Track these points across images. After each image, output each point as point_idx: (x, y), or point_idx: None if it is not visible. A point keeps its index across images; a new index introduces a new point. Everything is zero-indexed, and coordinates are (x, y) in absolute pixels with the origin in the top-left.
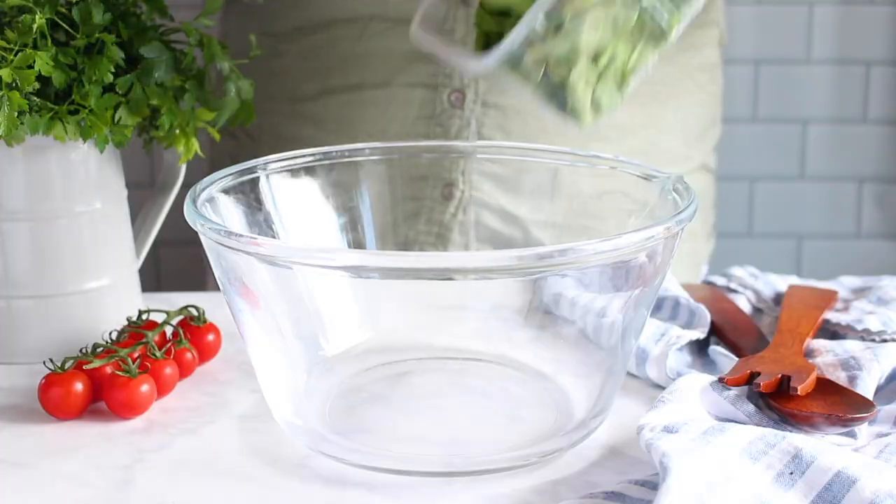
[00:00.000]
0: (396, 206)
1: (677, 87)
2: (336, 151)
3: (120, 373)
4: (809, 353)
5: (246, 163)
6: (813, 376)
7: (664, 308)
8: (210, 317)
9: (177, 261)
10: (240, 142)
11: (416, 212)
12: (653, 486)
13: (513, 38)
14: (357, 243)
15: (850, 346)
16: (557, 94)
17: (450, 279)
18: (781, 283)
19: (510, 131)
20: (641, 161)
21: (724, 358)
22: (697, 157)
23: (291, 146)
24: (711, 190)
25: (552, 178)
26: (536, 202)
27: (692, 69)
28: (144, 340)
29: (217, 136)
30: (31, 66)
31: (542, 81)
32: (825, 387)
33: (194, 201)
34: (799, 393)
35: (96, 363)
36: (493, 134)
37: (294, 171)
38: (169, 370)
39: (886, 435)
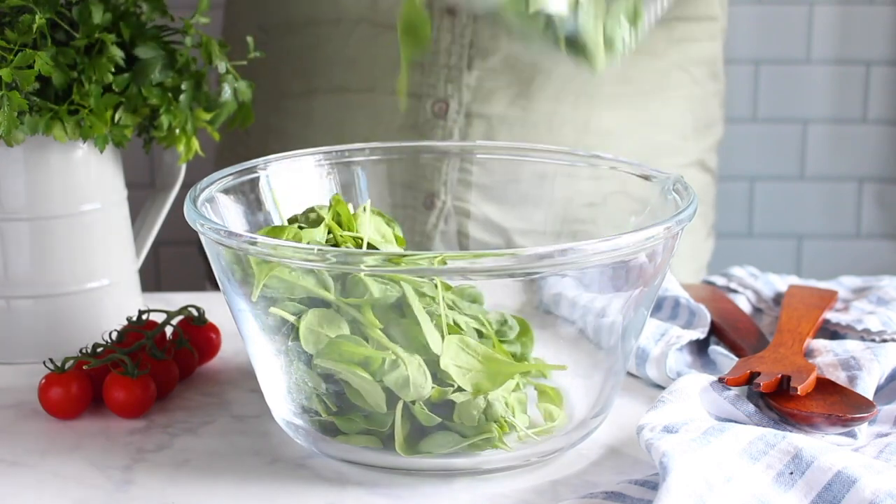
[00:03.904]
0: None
1: (668, 81)
2: (336, 151)
3: (120, 373)
4: (809, 353)
5: (246, 163)
6: (813, 376)
7: (664, 308)
8: (210, 317)
9: (177, 261)
10: (235, 133)
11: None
12: (653, 486)
13: None
14: None
15: (850, 346)
16: (566, 39)
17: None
18: (781, 283)
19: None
20: (631, 154)
21: (724, 358)
22: (692, 153)
23: (279, 140)
24: (710, 189)
25: (543, 184)
26: (524, 210)
27: (686, 63)
28: (144, 340)
29: (217, 136)
30: (31, 66)
31: (547, 27)
32: (825, 387)
33: (194, 201)
34: (799, 393)
35: (96, 363)
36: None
37: (294, 171)
38: (169, 370)
39: (886, 435)
